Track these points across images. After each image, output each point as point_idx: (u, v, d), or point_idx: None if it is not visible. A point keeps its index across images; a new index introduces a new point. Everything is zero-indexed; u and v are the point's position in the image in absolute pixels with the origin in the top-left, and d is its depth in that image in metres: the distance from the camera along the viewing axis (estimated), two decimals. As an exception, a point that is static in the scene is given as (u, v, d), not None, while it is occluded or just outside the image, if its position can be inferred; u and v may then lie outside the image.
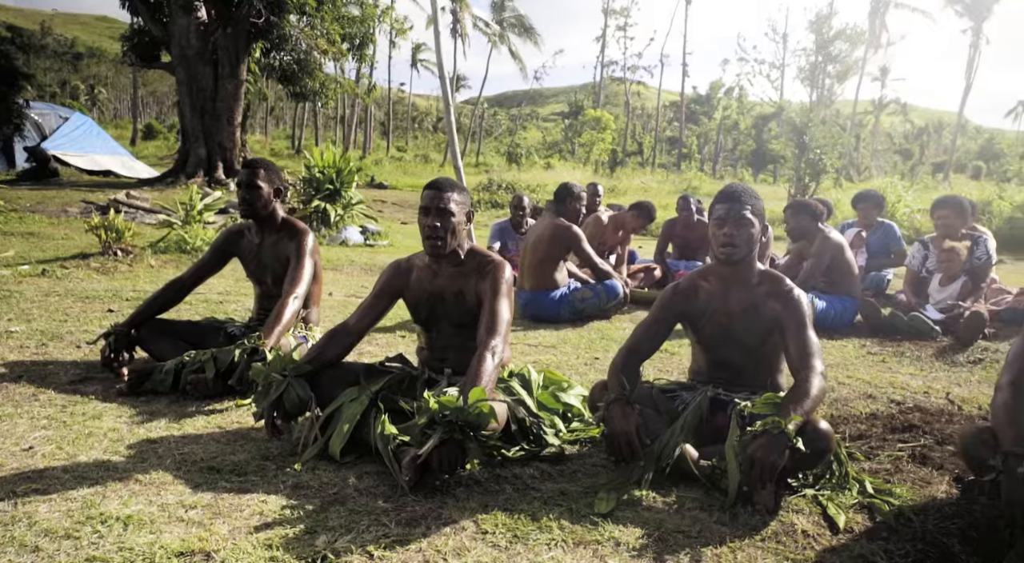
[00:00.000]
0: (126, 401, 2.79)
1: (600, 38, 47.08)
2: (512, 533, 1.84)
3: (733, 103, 40.32)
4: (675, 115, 48.30)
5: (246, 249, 3.33)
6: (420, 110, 69.19)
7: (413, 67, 57.13)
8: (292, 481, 2.13)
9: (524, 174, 25.42)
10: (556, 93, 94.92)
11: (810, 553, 1.78)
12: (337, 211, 9.31)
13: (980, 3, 26.69)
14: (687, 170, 35.01)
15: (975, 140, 41.13)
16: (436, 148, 45.88)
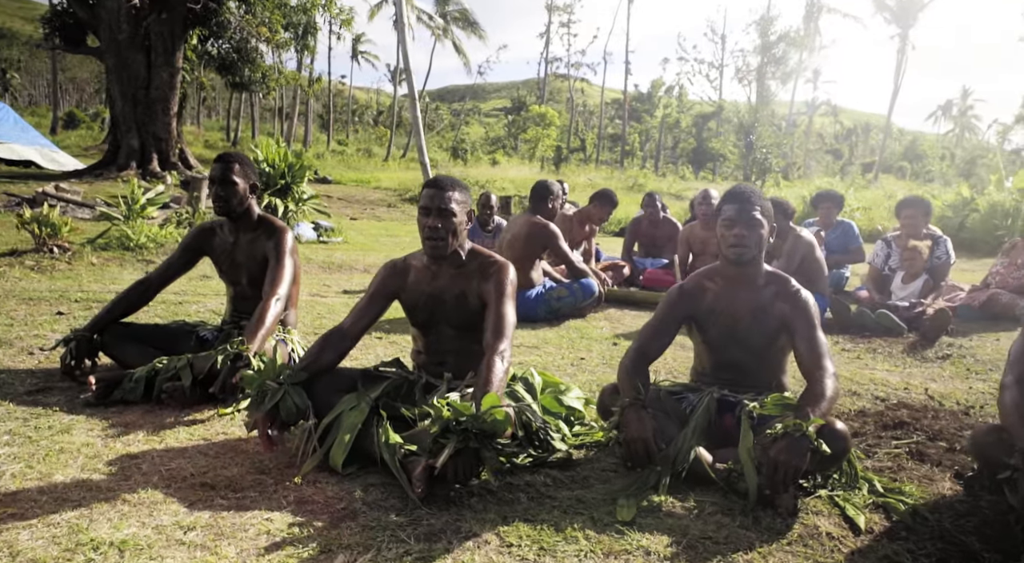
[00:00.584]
0: (95, 412, 2.60)
1: (544, 34, 47.28)
2: (538, 545, 1.78)
3: (673, 102, 41.06)
4: (616, 112, 48.89)
5: (219, 248, 3.16)
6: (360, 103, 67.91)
7: (354, 59, 56.10)
8: (294, 496, 2.01)
9: (471, 170, 25.31)
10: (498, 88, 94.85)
11: (838, 556, 1.77)
12: (289, 207, 9.02)
13: (906, 11, 27.94)
14: (630, 167, 35.52)
15: (899, 142, 43.14)
16: (378, 142, 45.16)
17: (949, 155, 38.26)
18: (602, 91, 46.15)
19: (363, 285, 5.91)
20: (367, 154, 36.03)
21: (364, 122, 63.05)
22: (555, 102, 55.07)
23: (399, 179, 22.89)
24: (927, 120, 53.74)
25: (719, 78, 37.57)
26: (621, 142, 41.48)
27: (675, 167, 39.13)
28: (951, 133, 50.88)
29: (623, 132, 41.17)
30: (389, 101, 70.74)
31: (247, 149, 29.73)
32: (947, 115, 52.22)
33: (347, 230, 10.03)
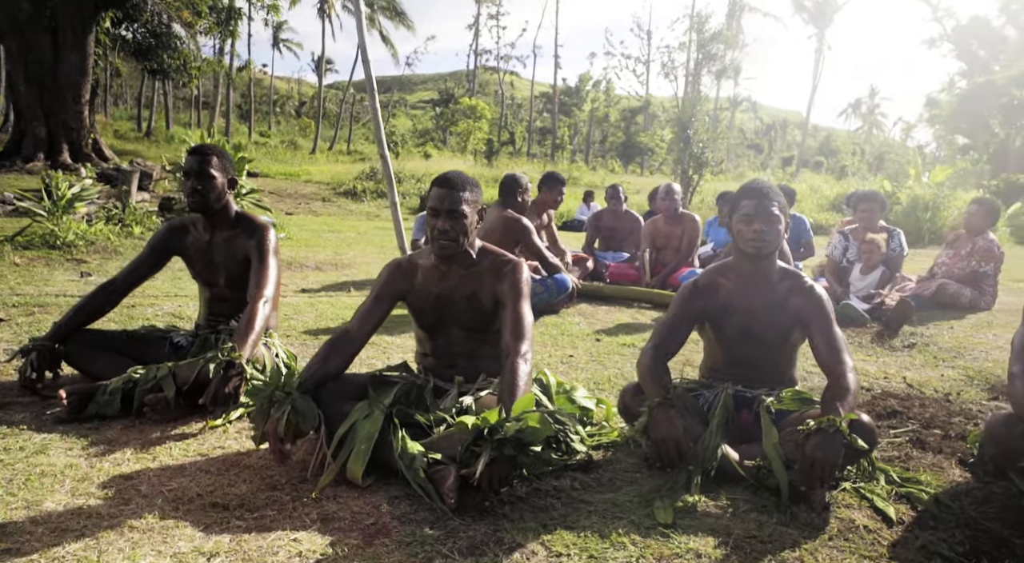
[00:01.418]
0: (69, 429, 2.38)
1: (473, 26, 47.01)
2: (587, 554, 1.73)
3: (601, 96, 41.63)
4: (545, 106, 49.16)
5: (192, 247, 2.95)
6: (281, 93, 65.72)
7: (275, 47, 54.18)
8: (316, 513, 1.89)
9: (405, 163, 24.85)
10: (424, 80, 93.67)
11: (880, 548, 1.80)
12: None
13: (823, 12, 29.25)
14: (560, 160, 35.79)
15: (814, 137, 45.18)
16: (302, 134, 43.86)
17: (860, 151, 40.43)
18: (532, 85, 46.29)
19: (320, 283, 5.69)
20: (292, 146, 34.92)
21: (286, 113, 61.07)
22: (484, 95, 54.85)
23: (331, 172, 22.31)
24: (839, 117, 56.68)
25: (646, 73, 38.41)
26: (551, 136, 41.73)
27: (604, 160, 39.72)
28: (860, 130, 53.82)
29: (553, 126, 41.43)
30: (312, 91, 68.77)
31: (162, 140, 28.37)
32: (857, 113, 55.17)
33: (289, 226, 9.68)
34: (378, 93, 5.40)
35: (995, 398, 3.09)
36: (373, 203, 16.97)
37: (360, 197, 17.71)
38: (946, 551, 1.79)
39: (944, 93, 27.29)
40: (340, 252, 7.62)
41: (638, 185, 22.26)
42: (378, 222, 13.44)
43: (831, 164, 33.31)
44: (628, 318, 4.56)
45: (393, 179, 5.52)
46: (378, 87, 5.46)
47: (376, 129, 5.34)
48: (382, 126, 5.30)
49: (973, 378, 3.36)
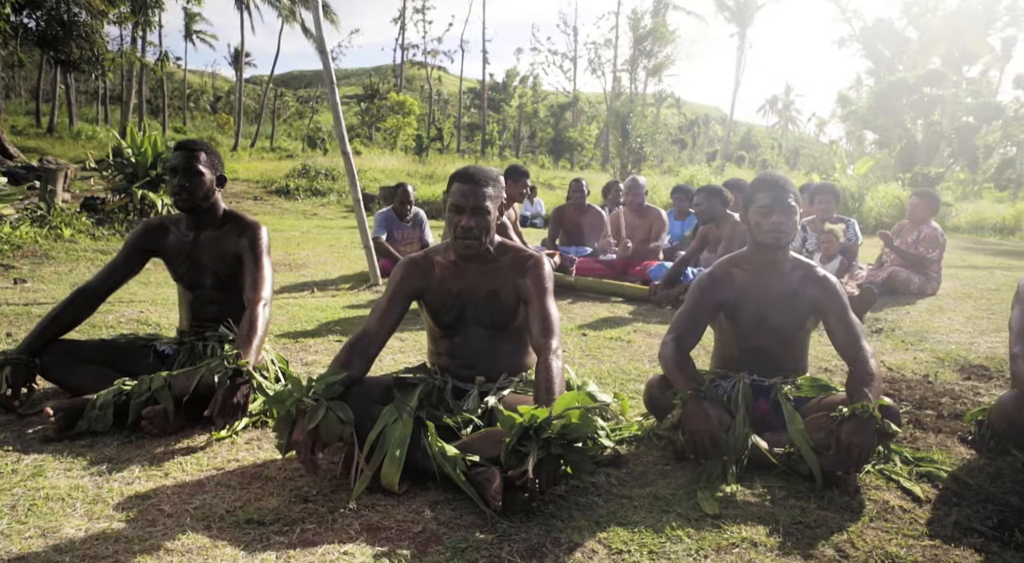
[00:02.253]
0: (60, 448, 2.21)
1: (398, 19, 46.32)
2: (646, 549, 1.72)
3: (528, 92, 41.81)
4: (472, 102, 48.98)
5: (175, 247, 2.78)
6: (195, 87, 62.97)
7: (188, 39, 51.87)
8: (359, 523, 1.81)
9: (334, 159, 24.25)
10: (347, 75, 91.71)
11: (919, 527, 1.86)
12: (164, 200, 8.20)
13: (744, 11, 30.31)
14: (491, 157, 35.77)
15: (735, 132, 46.80)
16: (221, 131, 42.13)
17: (778, 145, 42.21)
18: (460, 80, 46.02)
19: (279, 284, 5.48)
20: (211, 143, 33.52)
21: (201, 109, 58.61)
22: (411, 90, 54.15)
23: (259, 170, 21.54)
24: (758, 113, 58.92)
25: (573, 69, 38.81)
26: (481, 131, 41.62)
27: (534, 156, 39.94)
28: (777, 125, 56.18)
29: (483, 122, 41.35)
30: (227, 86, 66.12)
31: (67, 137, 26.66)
32: (774, 109, 57.57)
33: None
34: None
35: (968, 378, 3.26)
36: (308, 201, 16.50)
37: (294, 195, 17.19)
38: (978, 526, 1.87)
39: (853, 90, 28.77)
40: (290, 252, 7.37)
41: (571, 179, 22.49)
42: (317, 221, 13.08)
43: (752, 158, 34.62)
44: (606, 312, 4.59)
45: (356, 176, 5.36)
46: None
47: (336, 125, 5.18)
48: (343, 122, 5.15)
49: (944, 360, 3.55)
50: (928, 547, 1.76)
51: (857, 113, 19.76)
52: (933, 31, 25.47)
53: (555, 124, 37.40)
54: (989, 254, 9.43)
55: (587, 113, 43.17)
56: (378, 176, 20.29)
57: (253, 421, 2.44)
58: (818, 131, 42.22)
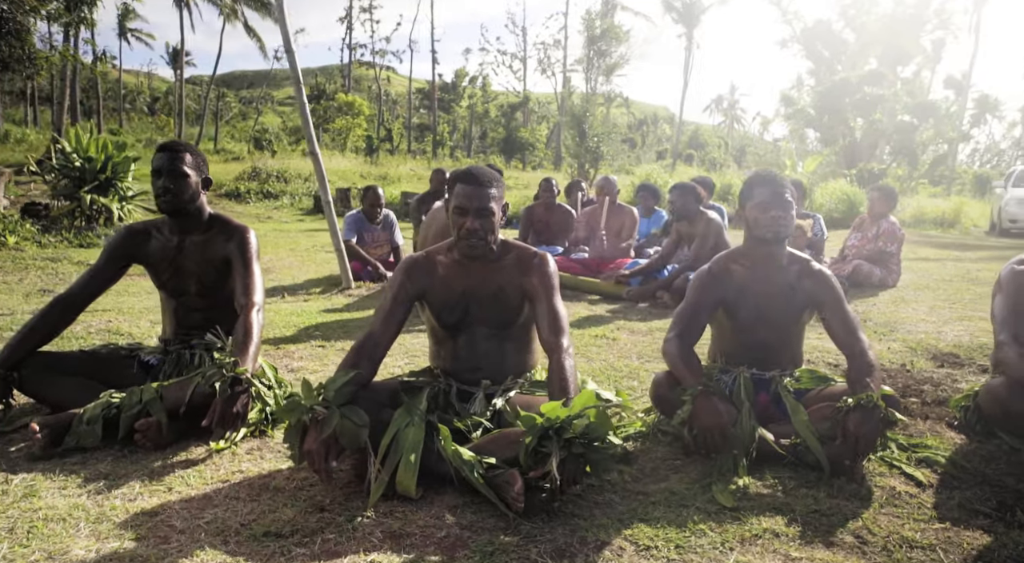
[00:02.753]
0: (49, 466, 2.10)
1: (345, 19, 45.69)
2: (673, 544, 1.74)
3: (478, 92, 41.77)
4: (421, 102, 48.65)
5: (158, 253, 2.67)
6: (130, 88, 60.75)
7: (122, 37, 50.07)
8: (380, 530, 1.77)
9: (284, 161, 23.76)
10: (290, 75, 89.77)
11: (927, 511, 1.92)
12: (114, 206, 7.90)
13: (691, 12, 30.91)
14: (442, 157, 35.58)
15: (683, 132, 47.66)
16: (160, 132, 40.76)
17: (724, 144, 43.16)
18: (410, 81, 45.67)
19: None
20: (151, 145, 32.43)
21: (138, 109, 56.65)
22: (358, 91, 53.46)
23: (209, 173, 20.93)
24: (704, 112, 60.23)
25: (523, 69, 38.92)
26: (432, 132, 41.36)
27: (485, 156, 39.89)
28: (723, 124, 57.51)
29: (433, 122, 41.11)
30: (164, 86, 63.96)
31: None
32: (719, 108, 58.92)
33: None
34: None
35: (941, 366, 3.39)
36: (260, 205, 16.16)
37: (244, 199, 16.82)
38: (981, 508, 1.94)
39: (794, 90, 29.64)
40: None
41: (525, 180, 22.54)
42: (273, 224, 12.82)
43: (701, 156, 35.33)
44: (585, 311, 4.61)
45: (326, 178, 5.26)
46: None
47: (305, 127, 5.07)
48: (311, 124, 5.04)
49: (916, 349, 3.68)
50: (940, 530, 1.82)
51: (803, 112, 20.37)
52: (869, 33, 26.45)
53: (506, 124, 37.45)
54: (935, 246, 9.84)
55: (537, 113, 43.34)
56: (332, 178, 19.87)
57: (251, 430, 2.37)
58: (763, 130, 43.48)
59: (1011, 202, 12.23)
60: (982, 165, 41.05)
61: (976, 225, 14.59)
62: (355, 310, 4.59)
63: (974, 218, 14.89)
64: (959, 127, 21.93)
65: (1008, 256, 9.01)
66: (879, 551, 1.72)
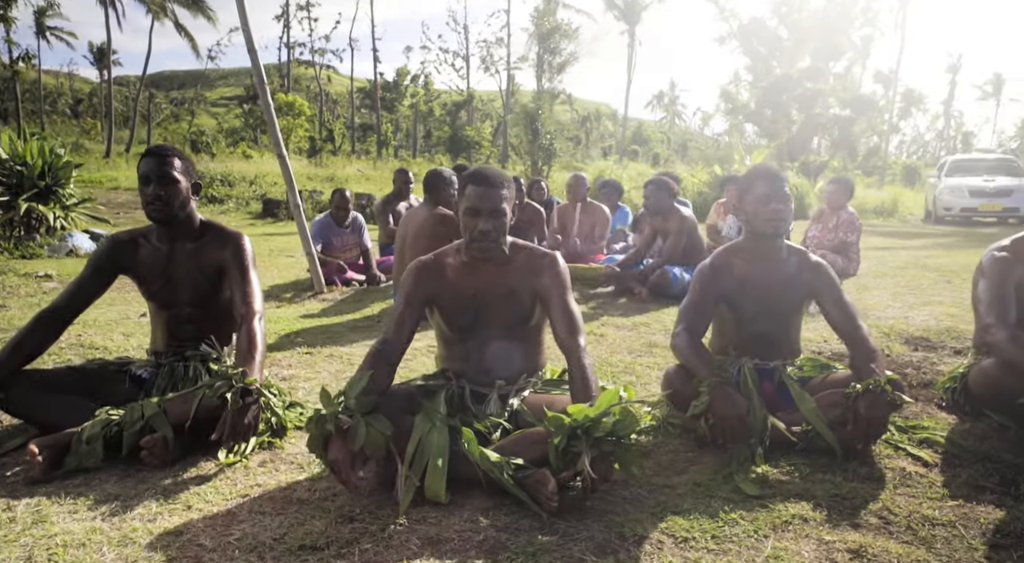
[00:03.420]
0: (52, 489, 2.00)
1: (282, 16, 44.66)
2: (709, 535, 1.77)
3: (420, 91, 41.42)
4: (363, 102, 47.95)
5: (146, 263, 2.57)
6: (50, 89, 57.90)
7: (40, 36, 47.73)
8: (417, 538, 1.75)
9: (226, 164, 23.09)
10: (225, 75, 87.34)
11: (938, 489, 2.01)
12: (56, 214, 7.54)
13: (632, 9, 31.37)
14: (387, 157, 35.17)
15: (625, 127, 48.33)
16: (86, 136, 39.05)
17: (667, 139, 44.03)
18: (351, 80, 44.98)
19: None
20: (79, 149, 31.01)
21: (60, 111, 54.09)
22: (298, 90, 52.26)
23: (144, 177, 20.16)
24: (646, 108, 61.24)
25: (466, 67, 38.77)
26: (376, 132, 40.81)
27: (431, 155, 39.60)
28: (664, 120, 58.61)
29: (377, 122, 40.56)
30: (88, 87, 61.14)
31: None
32: (660, 104, 60.01)
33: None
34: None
35: (916, 349, 3.54)
36: (204, 210, 15.63)
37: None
38: (986, 484, 2.04)
39: (732, 85, 30.43)
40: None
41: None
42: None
43: (645, 152, 35.90)
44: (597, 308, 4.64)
45: (294, 181, 5.13)
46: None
47: (271, 130, 4.94)
48: (277, 126, 4.91)
49: (889, 334, 3.83)
50: (955, 507, 1.91)
51: (747, 107, 20.93)
52: (802, 30, 27.35)
53: (451, 123, 37.26)
54: (880, 235, 10.25)
55: (481, 110, 43.27)
56: (277, 180, 19.50)
57: (259, 442, 2.30)
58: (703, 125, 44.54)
59: (945, 191, 12.87)
60: (909, 156, 43.01)
61: (912, 213, 15.29)
62: (333, 315, 4.51)
63: (909, 207, 15.59)
64: (889, 120, 22.88)
65: (947, 243, 9.49)
66: (904, 530, 1.79)
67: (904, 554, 1.67)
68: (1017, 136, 48.84)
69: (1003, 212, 12.50)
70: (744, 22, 30.98)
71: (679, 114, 57.68)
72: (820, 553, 1.68)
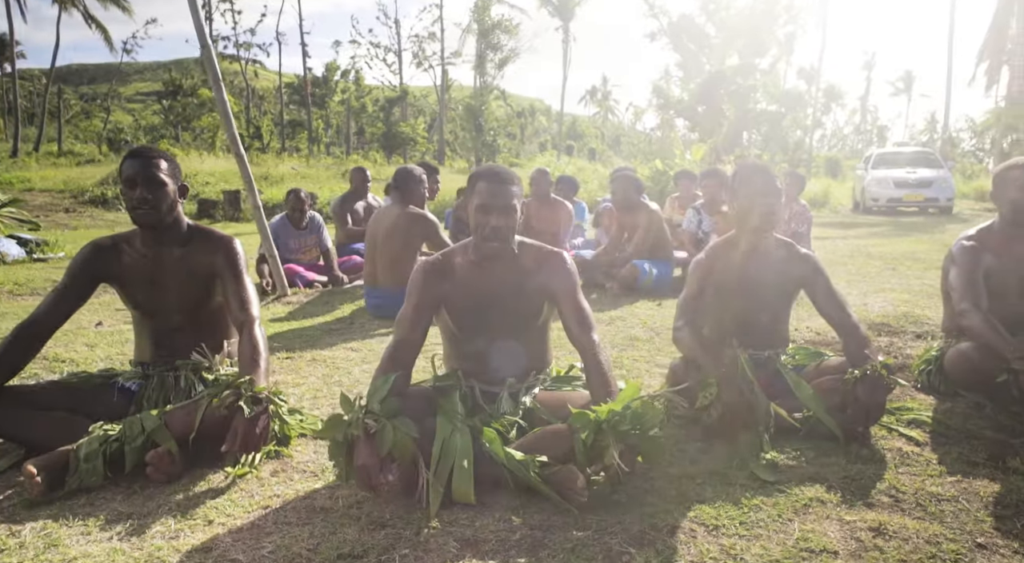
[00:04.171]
0: (54, 511, 1.90)
1: (203, 8, 42.97)
2: (737, 521, 1.83)
3: (351, 86, 40.70)
4: (291, 98, 46.72)
5: (131, 269, 2.45)
6: (-67, 84, 53.96)
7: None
8: (455, 541, 1.74)
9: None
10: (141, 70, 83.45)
11: (937, 467, 2.13)
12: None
13: (566, 5, 31.65)
14: (318, 154, 34.41)
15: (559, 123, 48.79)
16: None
17: (601, 134, 44.68)
18: (279, 75, 43.75)
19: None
20: (-20, 150, 29.08)
21: (-47, 107, 50.59)
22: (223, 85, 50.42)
23: (60, 178, 19.25)
24: (579, 103, 61.85)
25: (398, 63, 38.27)
26: (306, 128, 39.87)
27: (365, 152, 38.96)
28: (597, 115, 59.36)
29: (308, 118, 39.65)
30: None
31: None
32: (593, 99, 60.75)
33: (63, 242, 8.21)
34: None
35: (880, 335, 3.73)
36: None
37: (114, 205, 15.55)
38: (976, 459, 2.18)
39: (663, 81, 31.08)
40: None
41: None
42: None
43: (580, 147, 36.32)
44: None
45: (253, 182, 4.97)
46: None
47: (228, 128, 4.76)
48: (233, 123, 4.75)
49: (852, 321, 4.01)
50: (955, 482, 2.03)
51: (682, 102, 21.45)
52: (729, 27, 28.17)
53: (385, 119, 36.76)
54: (817, 226, 10.67)
55: (415, 106, 42.80)
56: (209, 179, 18.86)
57: (266, 452, 2.24)
58: (635, 120, 45.38)
59: (872, 183, 13.55)
60: (830, 149, 45.02)
61: (842, 204, 16.02)
62: (303, 318, 4.40)
63: (838, 198, 16.32)
64: (813, 115, 23.89)
65: (881, 232, 9.99)
66: (914, 507, 1.89)
67: (921, 529, 1.76)
68: (927, 130, 51.91)
69: (924, 202, 13.26)
70: (674, 19, 31.66)
71: (612, 109, 58.59)
72: (844, 533, 1.76)
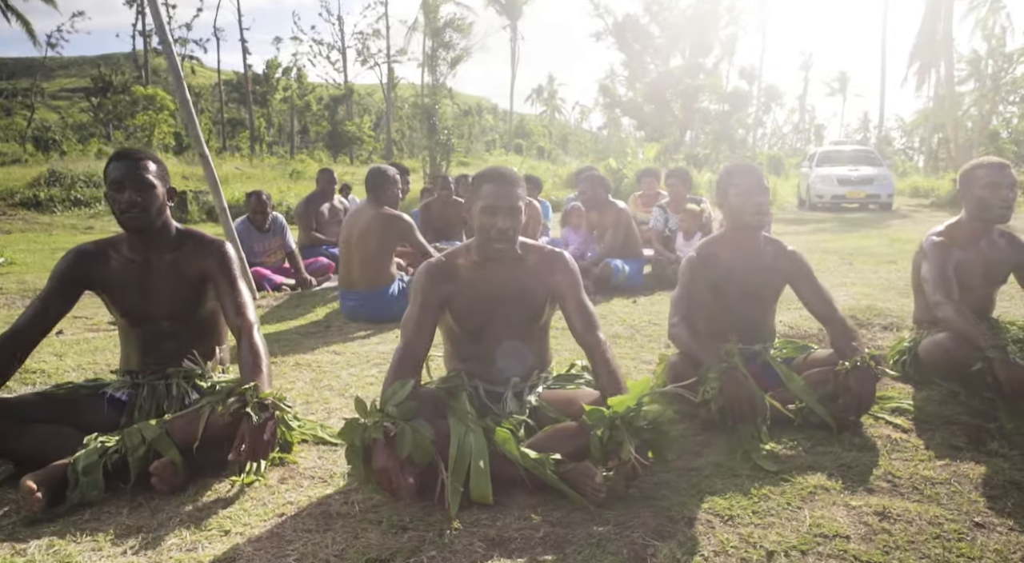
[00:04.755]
0: (57, 528, 1.83)
1: (135, 2, 41.56)
2: (750, 511, 1.89)
3: (293, 84, 39.91)
4: (229, 96, 45.50)
5: (119, 275, 2.36)
6: None
7: None
8: (479, 541, 1.76)
9: (89, 163, 21.11)
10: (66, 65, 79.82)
11: (925, 452, 2.24)
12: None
13: (514, 4, 31.73)
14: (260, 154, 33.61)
15: (506, 121, 48.88)
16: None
17: (548, 133, 45.02)
18: (218, 72, 42.54)
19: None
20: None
21: None
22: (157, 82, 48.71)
23: (-14, 181, 18.18)
24: (526, 102, 62.11)
25: (342, 60, 37.68)
26: (248, 127, 38.86)
27: (310, 152, 38.22)
28: (544, 114, 59.76)
29: (250, 116, 38.67)
30: None
31: None
32: (540, 98, 61.10)
33: (3, 248, 7.81)
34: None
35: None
36: (70, 214, 14.28)
37: (48, 208, 14.81)
38: (958, 443, 2.30)
39: (608, 80, 31.52)
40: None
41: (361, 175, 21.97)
42: (98, 235, 11.44)
43: (528, 145, 36.48)
44: None
45: (219, 183, 4.83)
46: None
47: (191, 126, 4.62)
48: (197, 122, 4.61)
49: (820, 314, 4.16)
50: (944, 466, 2.14)
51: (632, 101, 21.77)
52: (673, 28, 28.76)
53: (330, 118, 36.18)
54: (766, 222, 11.01)
55: (360, 105, 42.25)
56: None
57: (271, 459, 2.20)
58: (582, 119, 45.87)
59: (817, 180, 14.04)
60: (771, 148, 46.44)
61: (787, 201, 16.55)
62: (276, 321, 4.32)
63: (783, 195, 16.85)
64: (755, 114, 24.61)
65: (830, 228, 10.35)
66: (911, 491, 1.99)
67: (922, 511, 1.86)
68: (861, 129, 54.09)
69: (866, 199, 13.81)
70: (618, 19, 32.12)
71: (558, 108, 59.07)
72: (852, 518, 1.84)
